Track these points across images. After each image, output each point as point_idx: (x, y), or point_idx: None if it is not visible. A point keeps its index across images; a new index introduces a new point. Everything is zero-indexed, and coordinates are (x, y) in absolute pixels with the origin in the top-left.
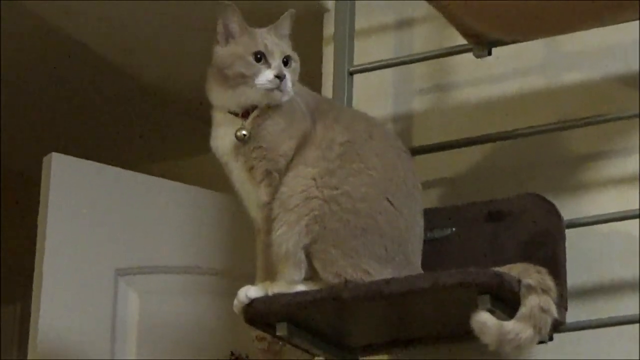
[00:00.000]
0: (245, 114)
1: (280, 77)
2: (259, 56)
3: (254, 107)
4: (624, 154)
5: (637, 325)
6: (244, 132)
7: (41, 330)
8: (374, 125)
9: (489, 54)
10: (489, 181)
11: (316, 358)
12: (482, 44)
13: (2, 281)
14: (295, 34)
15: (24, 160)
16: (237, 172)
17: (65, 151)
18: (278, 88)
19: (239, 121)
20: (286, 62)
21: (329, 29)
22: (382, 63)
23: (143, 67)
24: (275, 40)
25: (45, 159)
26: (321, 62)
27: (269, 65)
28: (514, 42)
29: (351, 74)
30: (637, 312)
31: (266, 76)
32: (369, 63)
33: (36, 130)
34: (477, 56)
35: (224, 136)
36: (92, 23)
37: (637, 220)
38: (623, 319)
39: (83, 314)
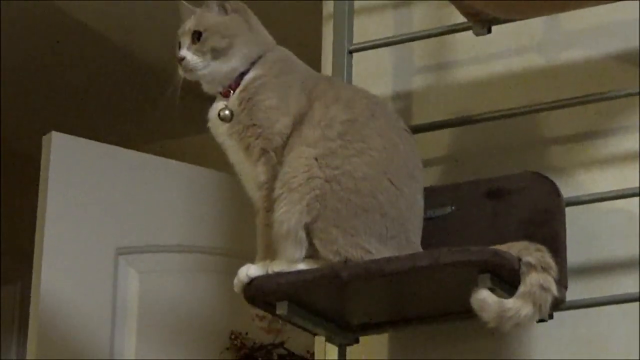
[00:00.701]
0: (226, 92)
1: (179, 60)
2: (179, 45)
3: (236, 85)
4: (624, 132)
5: (637, 303)
6: (226, 111)
7: (42, 309)
8: (375, 104)
9: (489, 32)
10: (489, 159)
11: (316, 337)
12: (481, 22)
13: (2, 261)
14: (295, 13)
15: (23, 139)
16: (233, 152)
17: (65, 130)
18: (185, 70)
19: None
20: (199, 37)
21: (328, 7)
22: (382, 41)
23: (143, 46)
24: (189, 21)
25: (45, 138)
26: (321, 40)
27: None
28: (513, 20)
29: (351, 52)
30: (637, 291)
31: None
32: (369, 41)
33: (36, 109)
34: (477, 34)
35: (217, 116)
36: (93, 2)
37: (637, 198)
38: (623, 297)
39: (84, 293)
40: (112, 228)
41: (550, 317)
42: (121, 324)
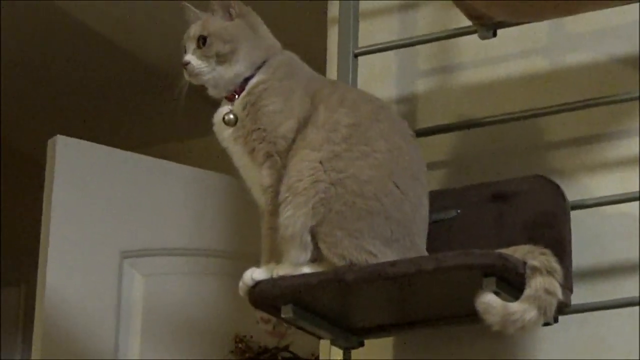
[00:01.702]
0: (231, 97)
1: (184, 65)
2: (184, 49)
3: (241, 90)
4: (626, 135)
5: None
6: (231, 116)
7: (47, 312)
8: (380, 107)
9: (494, 35)
10: (494, 163)
11: (321, 340)
12: (486, 26)
13: (7, 263)
14: (300, 16)
15: (25, 140)
16: (238, 156)
17: (67, 131)
18: (190, 75)
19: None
20: (204, 42)
21: (333, 10)
22: (388, 45)
23: (147, 48)
24: (194, 26)
25: (50, 141)
26: (326, 44)
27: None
28: (518, 23)
29: (356, 55)
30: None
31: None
32: (374, 45)
33: (37, 111)
34: (482, 38)
35: (221, 121)
36: (96, 3)
37: (638, 202)
38: (629, 300)
39: (88, 296)
40: (117, 231)
41: (555, 320)
42: (126, 327)
